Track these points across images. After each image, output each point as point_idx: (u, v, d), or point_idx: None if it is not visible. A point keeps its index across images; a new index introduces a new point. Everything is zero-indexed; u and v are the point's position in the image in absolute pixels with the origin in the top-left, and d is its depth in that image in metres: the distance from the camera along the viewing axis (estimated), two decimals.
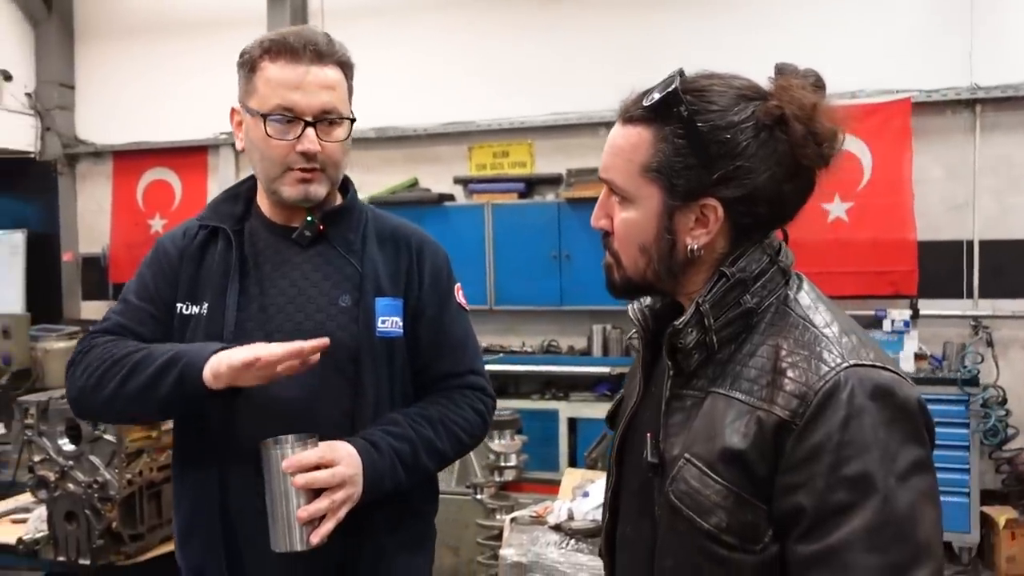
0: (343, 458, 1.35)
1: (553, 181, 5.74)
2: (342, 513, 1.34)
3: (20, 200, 7.02)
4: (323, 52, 1.44)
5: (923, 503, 0.92)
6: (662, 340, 1.07)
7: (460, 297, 1.62)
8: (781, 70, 1.02)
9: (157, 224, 6.71)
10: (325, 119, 1.45)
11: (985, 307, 5.08)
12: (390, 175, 6.15)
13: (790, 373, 0.96)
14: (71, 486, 2.31)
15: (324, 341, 1.34)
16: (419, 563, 1.57)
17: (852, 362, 0.95)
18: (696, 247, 1.03)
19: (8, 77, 6.62)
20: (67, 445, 2.35)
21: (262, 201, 1.56)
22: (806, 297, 1.04)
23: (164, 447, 2.50)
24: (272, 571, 1.42)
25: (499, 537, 3.08)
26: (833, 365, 0.95)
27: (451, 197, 5.91)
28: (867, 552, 0.89)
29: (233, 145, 6.56)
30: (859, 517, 0.90)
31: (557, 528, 2.71)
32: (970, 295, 5.11)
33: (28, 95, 6.84)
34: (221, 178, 6.58)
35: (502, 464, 3.68)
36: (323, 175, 1.47)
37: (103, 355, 1.44)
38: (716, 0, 5.40)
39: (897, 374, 0.97)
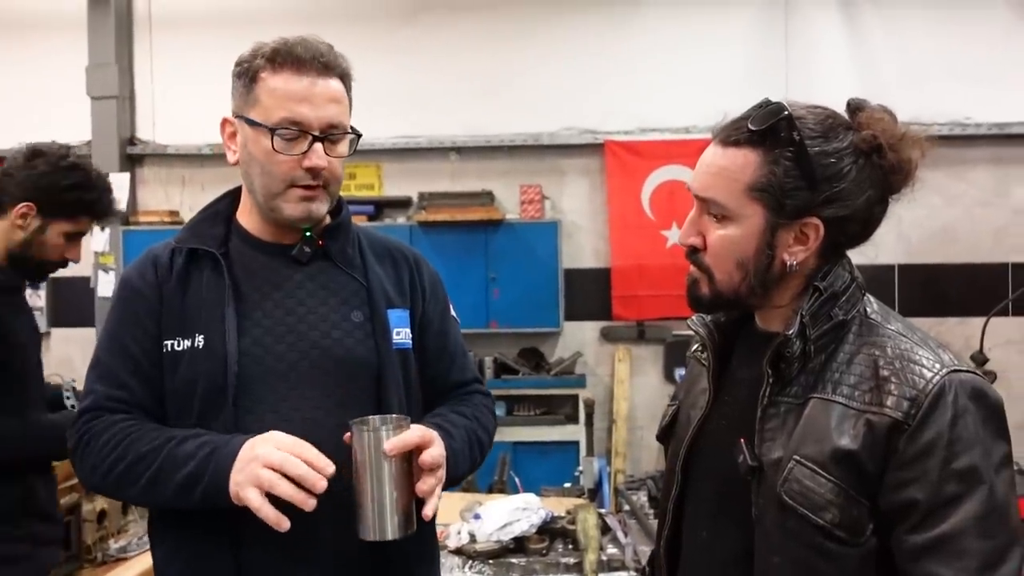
0: (436, 438, 1.32)
1: (403, 204, 5.71)
2: (440, 492, 1.31)
3: None
4: (329, 64, 1.39)
5: (1011, 492, 1.04)
6: (729, 351, 1.20)
7: (452, 310, 1.62)
8: (860, 105, 1.13)
9: None
10: (331, 134, 1.39)
11: None
12: None
13: (894, 379, 1.06)
14: None
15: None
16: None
17: (951, 368, 1.06)
18: (794, 263, 1.12)
19: None
20: None
21: (245, 219, 1.48)
22: (879, 311, 1.16)
23: None
24: None
25: None
26: (935, 370, 1.06)
27: None
28: (978, 538, 1.00)
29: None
30: (969, 506, 1.00)
31: (458, 552, 2.70)
32: None
33: None
34: None
35: None
36: (325, 192, 1.41)
37: (112, 449, 1.32)
38: (568, 35, 5.61)
39: (982, 376, 1.09)
